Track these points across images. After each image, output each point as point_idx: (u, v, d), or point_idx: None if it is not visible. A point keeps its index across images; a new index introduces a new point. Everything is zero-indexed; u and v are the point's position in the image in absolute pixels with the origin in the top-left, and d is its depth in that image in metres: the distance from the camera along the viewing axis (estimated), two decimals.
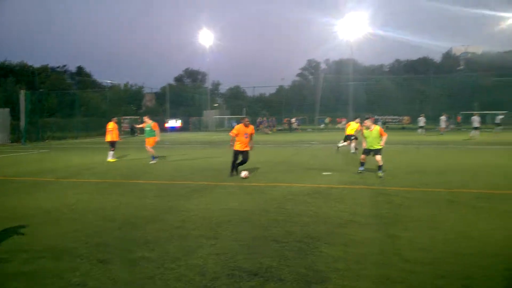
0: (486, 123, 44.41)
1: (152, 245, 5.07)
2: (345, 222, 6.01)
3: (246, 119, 10.94)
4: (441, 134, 32.74)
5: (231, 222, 6.12)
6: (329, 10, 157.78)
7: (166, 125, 50.02)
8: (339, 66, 78.59)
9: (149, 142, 14.61)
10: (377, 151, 10.52)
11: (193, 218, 6.40)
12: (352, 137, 16.73)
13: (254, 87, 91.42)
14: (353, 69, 59.30)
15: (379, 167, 10.46)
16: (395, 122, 52.17)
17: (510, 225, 5.80)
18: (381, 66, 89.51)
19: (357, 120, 17.03)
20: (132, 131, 39.91)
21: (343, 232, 5.51)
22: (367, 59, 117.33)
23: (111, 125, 15.51)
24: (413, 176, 10.42)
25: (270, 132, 40.94)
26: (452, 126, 42.52)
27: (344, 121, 52.46)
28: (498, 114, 37.48)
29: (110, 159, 15.26)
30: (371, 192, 8.47)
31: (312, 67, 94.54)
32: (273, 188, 8.97)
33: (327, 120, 54.46)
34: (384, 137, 10.56)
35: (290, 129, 44.40)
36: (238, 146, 10.69)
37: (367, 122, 10.73)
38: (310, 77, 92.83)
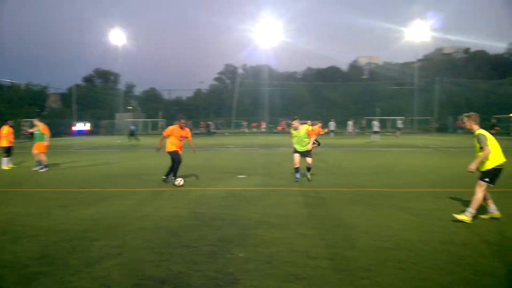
0: (386, 128, 48.75)
1: (50, 258, 4.66)
2: (257, 224, 6.13)
3: (182, 121, 9.93)
4: (353, 137, 35.26)
5: (141, 229, 5.88)
6: (246, 17, 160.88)
7: (74, 128, 46.76)
8: (256, 72, 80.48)
9: (38, 147, 13.21)
10: (307, 153, 10.36)
11: (99, 227, 6.03)
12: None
13: (171, 90, 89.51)
14: (269, 75, 61.17)
15: (308, 169, 10.49)
16: None
17: (405, 220, 6.38)
18: (295, 73, 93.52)
19: (309, 122, 16.27)
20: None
21: (255, 233, 5.61)
22: (282, 66, 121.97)
23: (5, 130, 14.06)
24: (321, 177, 11.00)
25: None
26: (357, 130, 45.88)
27: (263, 124, 53.81)
28: (397, 120, 41.43)
29: (4, 166, 13.79)
30: (282, 193, 8.76)
31: (229, 71, 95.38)
32: (188, 193, 8.84)
33: (244, 123, 55.32)
34: (312, 138, 10.45)
35: (208, 133, 44.26)
36: (171, 148, 9.67)
37: (295, 123, 10.39)
38: (228, 81, 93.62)
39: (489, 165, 6.13)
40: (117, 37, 55.11)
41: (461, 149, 22.05)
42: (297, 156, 10.35)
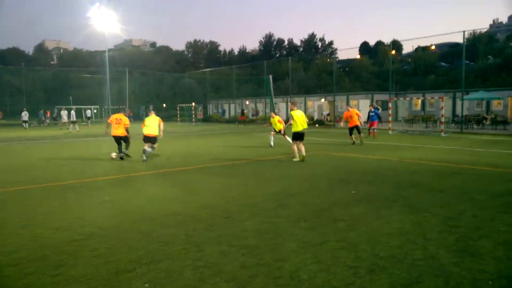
0: (81, 117, 47.03)
1: None
2: None
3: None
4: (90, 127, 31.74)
5: None
6: None
7: None
8: None
9: None
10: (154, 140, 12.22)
11: None
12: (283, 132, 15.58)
13: None
14: None
15: (144, 151, 11.96)
16: None
17: (98, 208, 6.41)
18: None
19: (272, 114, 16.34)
20: None
21: None
22: None
23: None
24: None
25: None
26: (48, 120, 42.20)
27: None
28: (87, 109, 40.62)
29: None
30: None
31: None
32: None
33: None
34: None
35: None
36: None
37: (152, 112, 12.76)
38: None
39: (293, 130, 11.50)
40: None
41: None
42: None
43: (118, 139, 12.38)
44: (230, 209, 6.20)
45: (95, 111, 41.55)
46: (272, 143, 15.80)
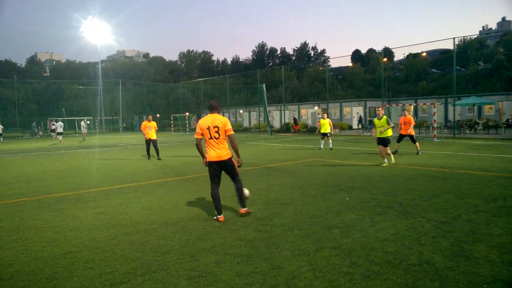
0: (74, 128, 46.84)
1: None
2: None
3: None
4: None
5: None
6: None
7: None
8: None
9: None
10: None
11: None
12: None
13: None
14: None
15: None
16: None
17: (93, 220, 6.36)
18: None
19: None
20: None
21: None
22: None
23: None
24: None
25: None
26: (41, 132, 41.97)
27: None
28: (81, 122, 39.54)
29: None
30: None
31: None
32: None
33: None
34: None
35: None
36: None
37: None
38: None
39: (388, 133, 11.64)
40: None
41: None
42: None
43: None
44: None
45: (88, 122, 41.09)
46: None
